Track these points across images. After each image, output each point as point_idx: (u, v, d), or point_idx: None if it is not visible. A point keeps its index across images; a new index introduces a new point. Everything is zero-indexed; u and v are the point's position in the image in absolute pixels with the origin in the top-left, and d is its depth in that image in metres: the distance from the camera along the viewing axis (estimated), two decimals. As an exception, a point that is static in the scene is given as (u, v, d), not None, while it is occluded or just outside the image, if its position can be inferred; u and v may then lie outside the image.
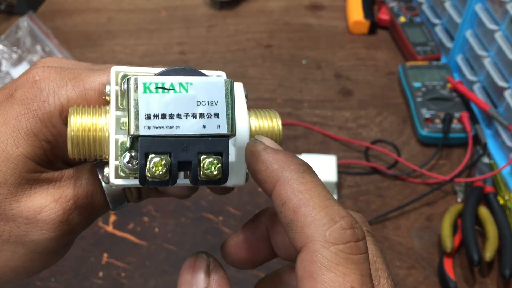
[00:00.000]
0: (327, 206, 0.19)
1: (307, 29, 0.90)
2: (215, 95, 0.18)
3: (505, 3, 0.64)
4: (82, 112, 0.21)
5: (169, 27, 0.91)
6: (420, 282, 0.55)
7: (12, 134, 0.23)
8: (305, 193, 0.19)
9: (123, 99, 0.20)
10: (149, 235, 0.58)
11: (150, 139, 0.17)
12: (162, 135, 0.17)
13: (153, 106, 0.17)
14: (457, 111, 0.70)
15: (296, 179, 0.20)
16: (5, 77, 0.78)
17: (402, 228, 0.60)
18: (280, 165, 0.20)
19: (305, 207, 0.19)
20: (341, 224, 0.19)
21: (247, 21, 0.92)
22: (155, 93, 0.17)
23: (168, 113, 0.17)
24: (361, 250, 0.19)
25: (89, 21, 0.92)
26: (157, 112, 0.17)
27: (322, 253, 0.18)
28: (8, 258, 0.25)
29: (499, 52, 0.66)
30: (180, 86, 0.18)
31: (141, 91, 0.17)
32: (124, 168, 0.20)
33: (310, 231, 0.19)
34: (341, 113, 0.74)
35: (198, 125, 0.18)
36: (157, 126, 0.17)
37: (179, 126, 0.17)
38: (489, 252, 0.54)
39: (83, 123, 0.21)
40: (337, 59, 0.84)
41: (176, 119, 0.17)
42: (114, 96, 0.20)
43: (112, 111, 0.20)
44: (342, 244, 0.19)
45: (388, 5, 0.90)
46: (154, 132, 0.17)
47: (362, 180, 0.65)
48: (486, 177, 0.62)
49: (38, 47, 0.82)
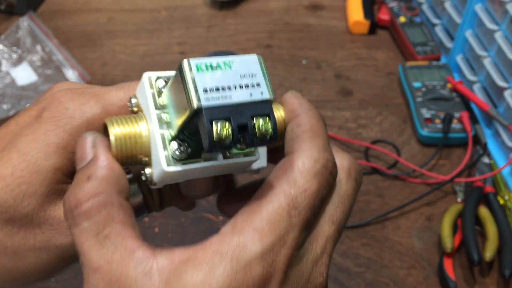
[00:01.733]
0: (325, 148, 0.23)
1: (307, 29, 0.91)
2: (253, 69, 0.22)
3: (505, 3, 0.64)
4: (118, 120, 0.24)
5: (169, 27, 0.91)
6: (420, 282, 0.55)
7: (42, 148, 0.25)
8: (316, 129, 0.24)
9: (159, 97, 0.24)
10: (149, 235, 0.58)
11: (211, 108, 0.20)
12: (220, 104, 0.21)
13: (207, 81, 0.21)
14: (457, 111, 0.70)
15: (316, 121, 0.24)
16: (5, 77, 0.78)
17: (402, 228, 0.60)
18: (309, 106, 0.25)
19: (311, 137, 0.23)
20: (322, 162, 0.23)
21: (247, 21, 0.92)
22: (206, 71, 0.21)
23: (221, 86, 0.21)
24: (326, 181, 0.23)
25: (89, 21, 0.92)
26: (212, 86, 0.21)
27: (301, 162, 0.22)
28: (32, 263, 0.26)
29: (499, 52, 0.66)
30: (225, 64, 0.21)
31: (195, 71, 0.21)
32: (174, 155, 0.23)
33: (303, 149, 0.23)
34: (341, 113, 0.74)
35: (246, 94, 0.21)
36: (214, 98, 0.21)
37: (231, 96, 0.21)
38: (489, 252, 0.54)
39: (122, 130, 0.23)
40: (337, 59, 0.84)
41: (227, 91, 0.21)
42: (150, 97, 0.24)
43: (152, 109, 0.23)
44: (316, 169, 0.22)
45: (388, 5, 0.90)
46: (213, 103, 0.21)
47: (362, 180, 0.65)
48: (486, 177, 0.62)
49: (38, 47, 0.82)
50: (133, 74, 0.80)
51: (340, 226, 0.24)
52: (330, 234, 0.23)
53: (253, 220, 0.20)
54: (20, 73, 0.79)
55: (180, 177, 0.24)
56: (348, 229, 0.59)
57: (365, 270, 0.55)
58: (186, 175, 0.24)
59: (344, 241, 0.58)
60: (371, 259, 0.56)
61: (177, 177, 0.24)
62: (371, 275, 0.55)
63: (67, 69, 0.80)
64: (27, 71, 0.79)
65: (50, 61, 0.81)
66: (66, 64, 0.80)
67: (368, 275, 0.55)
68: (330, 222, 0.23)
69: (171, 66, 0.82)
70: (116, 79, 0.79)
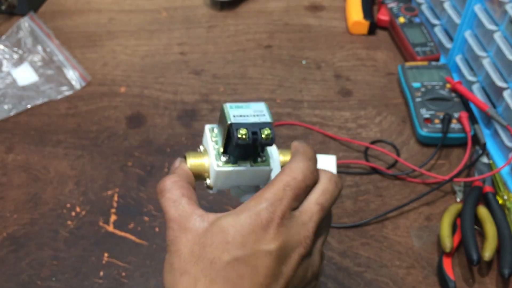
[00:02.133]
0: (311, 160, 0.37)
1: (307, 29, 0.91)
2: (261, 108, 0.37)
3: (504, 4, 0.64)
4: (191, 154, 0.39)
5: (169, 27, 0.91)
6: (420, 282, 0.55)
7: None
8: (308, 153, 0.37)
9: (211, 136, 0.39)
10: (149, 235, 0.58)
11: (237, 123, 0.35)
12: (242, 121, 0.35)
13: (235, 112, 0.36)
14: (456, 111, 0.70)
15: (309, 149, 0.38)
16: (6, 77, 0.79)
17: (402, 228, 0.60)
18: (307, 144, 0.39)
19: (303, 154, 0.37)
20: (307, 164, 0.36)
21: (247, 22, 0.93)
22: (235, 108, 0.36)
23: (243, 114, 0.36)
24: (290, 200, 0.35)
25: (90, 21, 0.92)
26: (237, 114, 0.36)
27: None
28: None
29: (498, 52, 0.66)
30: (245, 106, 0.37)
31: (229, 107, 0.36)
32: (221, 162, 0.37)
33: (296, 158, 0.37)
34: (341, 113, 0.75)
35: (256, 118, 0.36)
36: (239, 119, 0.35)
37: (249, 119, 0.36)
38: (488, 252, 0.54)
39: (194, 160, 0.39)
40: (336, 60, 0.84)
41: (246, 117, 0.36)
42: (209, 135, 0.39)
43: (209, 140, 0.39)
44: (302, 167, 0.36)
45: (388, 6, 0.90)
46: (238, 120, 0.35)
47: (362, 180, 0.65)
48: (485, 177, 0.62)
49: (39, 48, 0.83)
50: (133, 74, 0.81)
51: (323, 207, 0.35)
52: (315, 210, 0.35)
53: (262, 194, 0.34)
54: (21, 73, 0.79)
55: (226, 180, 0.38)
56: (348, 229, 0.60)
57: (364, 269, 0.56)
58: (230, 178, 0.38)
59: (343, 241, 0.58)
60: (371, 258, 0.57)
61: (223, 179, 0.38)
62: (370, 274, 0.55)
63: (68, 69, 0.80)
64: (28, 72, 0.80)
65: (51, 61, 0.81)
66: (67, 64, 0.81)
67: (367, 275, 0.55)
68: (315, 203, 0.35)
69: (171, 66, 0.83)
70: (116, 79, 0.79)
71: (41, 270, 0.55)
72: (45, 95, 0.76)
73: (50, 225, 0.60)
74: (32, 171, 0.66)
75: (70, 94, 0.77)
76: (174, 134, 0.71)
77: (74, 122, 0.73)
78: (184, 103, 0.76)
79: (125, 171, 0.66)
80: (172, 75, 0.81)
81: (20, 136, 0.71)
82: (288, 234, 0.33)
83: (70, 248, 0.57)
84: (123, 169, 0.66)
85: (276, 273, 0.33)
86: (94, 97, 0.77)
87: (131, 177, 0.65)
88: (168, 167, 0.66)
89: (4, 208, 0.61)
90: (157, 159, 0.67)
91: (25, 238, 0.58)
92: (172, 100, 0.76)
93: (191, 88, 0.79)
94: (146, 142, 0.70)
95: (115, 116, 0.74)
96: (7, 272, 0.55)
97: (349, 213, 0.61)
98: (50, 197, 0.63)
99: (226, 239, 0.32)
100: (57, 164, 0.67)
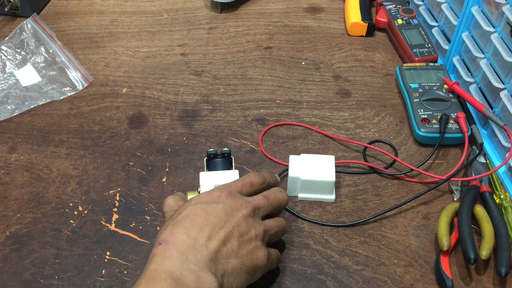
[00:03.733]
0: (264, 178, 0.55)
1: (306, 31, 0.92)
2: (233, 176, 0.58)
3: (501, 5, 0.65)
4: (191, 192, 0.55)
5: (170, 29, 0.92)
6: (417, 280, 0.55)
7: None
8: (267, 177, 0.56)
9: None
10: (151, 234, 0.59)
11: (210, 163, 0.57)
12: None
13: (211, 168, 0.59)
14: (453, 111, 0.71)
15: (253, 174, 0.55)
16: (9, 78, 0.79)
17: (399, 227, 0.60)
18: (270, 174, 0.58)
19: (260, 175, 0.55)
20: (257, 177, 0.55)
21: (247, 23, 0.93)
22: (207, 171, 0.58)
23: None
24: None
25: (92, 23, 0.93)
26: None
27: None
28: None
29: (495, 53, 0.67)
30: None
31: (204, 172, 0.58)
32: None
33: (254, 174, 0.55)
34: (340, 113, 0.75)
35: None
36: None
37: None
38: (485, 251, 0.54)
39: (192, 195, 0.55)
40: (335, 61, 0.85)
41: None
42: (202, 178, 0.58)
43: (204, 185, 0.57)
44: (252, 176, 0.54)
45: (386, 8, 0.91)
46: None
47: (360, 179, 0.66)
48: (482, 176, 0.62)
49: (42, 49, 0.83)
50: (135, 75, 0.81)
51: (268, 199, 0.52)
52: (258, 197, 0.52)
53: (229, 185, 0.52)
54: (24, 74, 0.80)
55: None
56: (346, 228, 0.60)
57: (363, 267, 0.56)
58: None
59: (342, 239, 0.59)
60: (369, 257, 0.57)
61: None
62: (368, 272, 0.56)
63: (70, 70, 0.81)
64: (31, 72, 0.80)
65: (53, 62, 0.82)
66: (70, 65, 0.81)
67: (365, 273, 0.56)
68: (263, 196, 0.52)
69: (172, 67, 0.83)
70: (118, 80, 0.80)
71: (44, 268, 0.56)
72: (47, 96, 0.77)
73: (53, 224, 0.60)
74: (35, 170, 0.67)
75: (72, 94, 0.78)
76: (175, 134, 0.72)
77: (76, 123, 0.73)
78: (185, 103, 0.77)
79: (126, 170, 0.67)
80: (173, 76, 0.82)
81: (23, 136, 0.71)
82: (233, 201, 0.50)
83: (73, 246, 0.58)
84: (124, 169, 0.67)
85: (224, 221, 0.48)
86: (96, 98, 0.77)
87: (132, 176, 0.66)
88: (169, 166, 0.67)
89: (7, 207, 0.62)
90: (158, 158, 0.68)
91: (28, 237, 0.59)
92: (173, 101, 0.77)
93: (192, 89, 0.79)
94: (148, 142, 0.71)
95: (117, 116, 0.74)
96: (10, 271, 0.56)
97: (348, 212, 0.62)
98: (53, 196, 0.63)
99: (195, 200, 0.50)
100: (60, 163, 0.67)
